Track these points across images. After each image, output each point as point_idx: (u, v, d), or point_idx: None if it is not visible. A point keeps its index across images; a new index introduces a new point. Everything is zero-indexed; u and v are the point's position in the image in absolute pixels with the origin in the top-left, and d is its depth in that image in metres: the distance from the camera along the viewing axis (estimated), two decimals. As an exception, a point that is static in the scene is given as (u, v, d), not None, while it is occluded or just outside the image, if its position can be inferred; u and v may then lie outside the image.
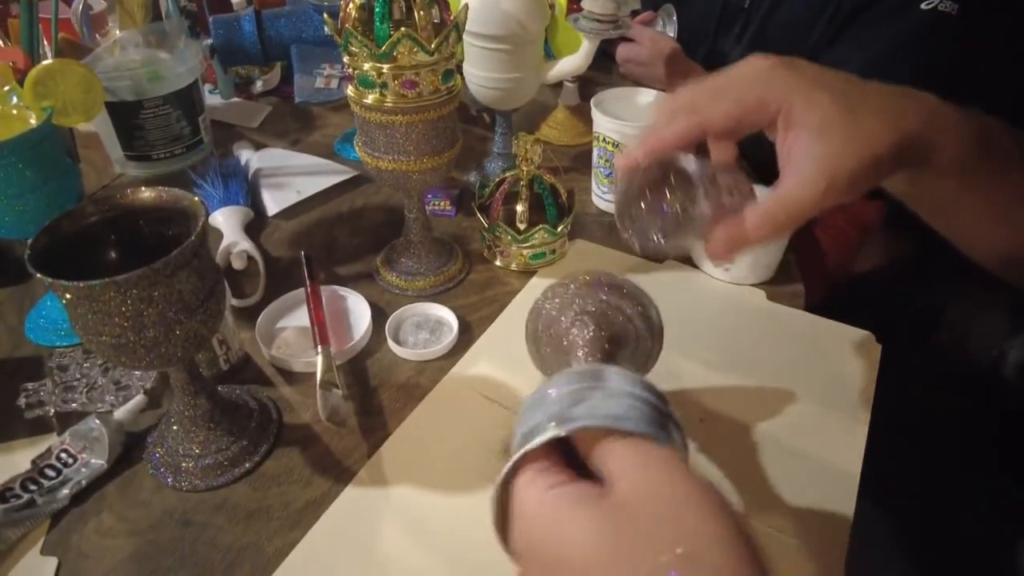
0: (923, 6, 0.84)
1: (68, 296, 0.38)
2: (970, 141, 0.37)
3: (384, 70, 0.53)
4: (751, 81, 0.38)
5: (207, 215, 0.42)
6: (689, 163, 0.40)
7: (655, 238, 0.42)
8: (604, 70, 1.15)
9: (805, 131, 0.36)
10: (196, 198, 0.43)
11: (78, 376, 0.57)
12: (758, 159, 0.87)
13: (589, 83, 1.07)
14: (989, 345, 1.04)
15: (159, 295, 0.39)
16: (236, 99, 1.01)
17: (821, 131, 0.36)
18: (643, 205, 0.42)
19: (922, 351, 1.21)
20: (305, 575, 0.44)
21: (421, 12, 0.53)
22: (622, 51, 1.05)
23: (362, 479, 0.50)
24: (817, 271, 1.08)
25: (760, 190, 0.40)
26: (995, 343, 1.04)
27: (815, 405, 0.55)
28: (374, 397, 0.57)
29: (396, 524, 0.47)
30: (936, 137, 0.36)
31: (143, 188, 0.44)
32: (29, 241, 0.39)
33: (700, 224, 0.39)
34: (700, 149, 0.42)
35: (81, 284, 0.36)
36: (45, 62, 0.54)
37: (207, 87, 1.01)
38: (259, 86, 1.06)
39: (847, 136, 0.35)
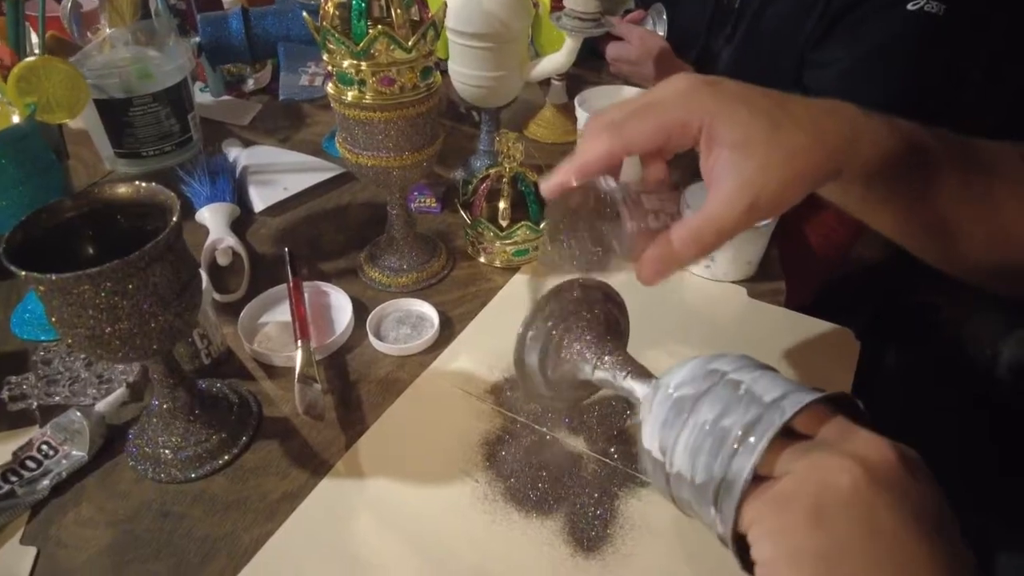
0: (909, 6, 0.84)
1: (42, 289, 0.39)
2: (892, 150, 0.38)
3: (362, 67, 0.54)
4: (672, 101, 0.38)
5: (181, 210, 0.43)
6: (612, 187, 0.39)
7: (586, 260, 0.42)
8: (594, 69, 1.15)
9: (727, 149, 0.36)
10: (172, 193, 0.44)
11: (61, 370, 0.57)
12: None
13: (578, 82, 1.08)
14: (983, 344, 1.05)
15: (133, 287, 0.40)
16: (226, 97, 1.02)
17: (743, 149, 0.36)
18: (571, 229, 0.42)
19: (915, 350, 1.21)
20: (280, 565, 0.45)
21: (399, 10, 0.53)
22: (611, 50, 1.05)
23: (339, 471, 0.51)
24: (805, 271, 1.09)
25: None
26: (989, 342, 1.04)
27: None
28: (353, 391, 0.58)
29: (371, 515, 0.48)
30: (859, 148, 0.37)
31: (120, 183, 0.44)
32: (5, 235, 0.40)
33: (626, 247, 0.39)
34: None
35: (54, 277, 0.37)
36: (28, 59, 0.55)
37: (197, 85, 1.01)
38: (250, 84, 1.06)
39: (770, 153, 0.35)
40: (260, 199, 0.79)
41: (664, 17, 1.06)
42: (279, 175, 0.83)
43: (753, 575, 0.30)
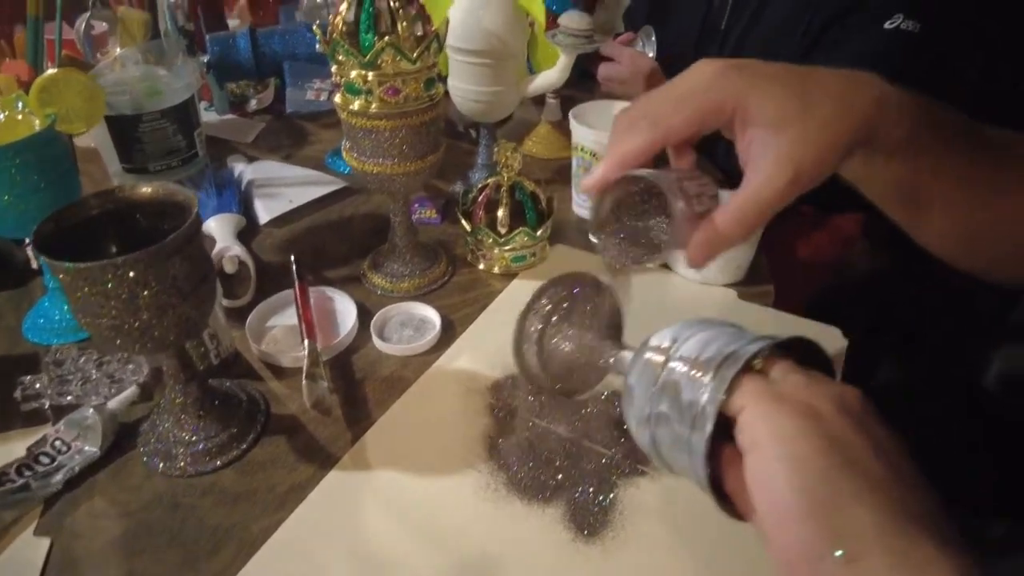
0: (887, 25, 0.89)
1: (68, 279, 0.41)
2: (914, 120, 0.39)
3: (369, 77, 0.56)
4: (704, 86, 0.39)
5: (199, 206, 0.45)
6: (656, 176, 0.40)
7: (635, 255, 0.42)
8: (586, 89, 1.19)
9: (762, 128, 0.37)
10: (190, 192, 0.46)
11: (73, 370, 0.59)
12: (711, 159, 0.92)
13: (571, 101, 1.11)
14: (972, 357, 1.07)
15: (154, 278, 0.42)
16: (231, 116, 1.05)
17: (778, 125, 0.37)
18: (616, 224, 0.42)
19: (906, 363, 1.23)
20: (289, 553, 0.46)
21: (404, 23, 0.56)
22: (603, 70, 1.09)
23: (346, 464, 0.52)
24: (793, 285, 1.11)
25: (722, 193, 0.41)
26: (978, 354, 1.06)
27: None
28: (359, 389, 0.59)
29: (378, 505, 0.49)
30: (883, 117, 0.38)
31: (141, 183, 0.47)
32: (34, 228, 0.42)
33: (677, 235, 0.40)
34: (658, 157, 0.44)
35: (82, 265, 0.39)
36: (50, 71, 0.57)
37: (203, 104, 1.04)
38: (253, 104, 1.10)
39: (804, 127, 0.37)
40: (265, 210, 0.82)
41: (653, 39, 1.10)
42: (284, 188, 0.85)
43: (725, 508, 0.31)
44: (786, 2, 0.96)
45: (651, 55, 1.09)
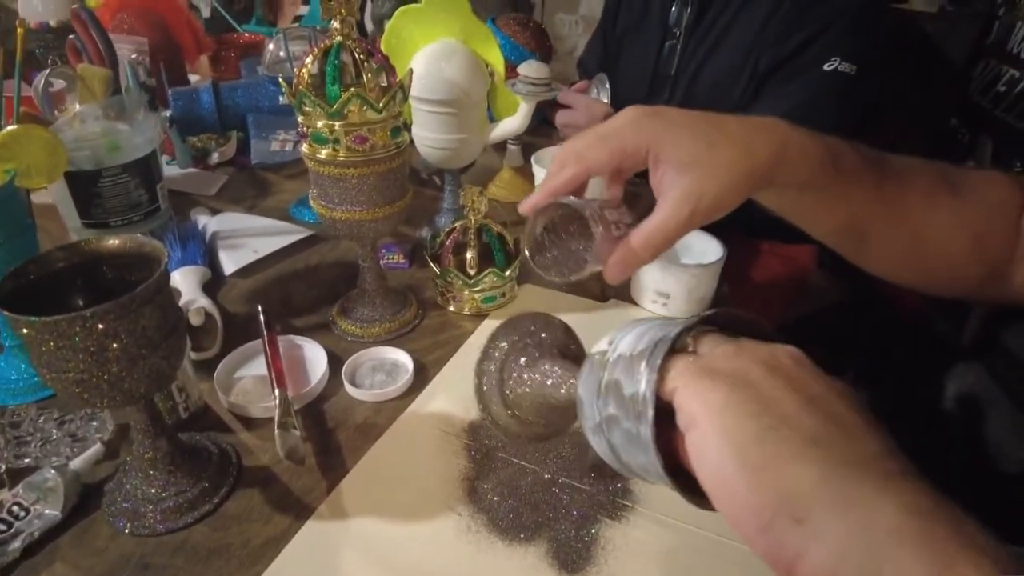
0: (826, 67, 0.95)
1: (32, 333, 0.40)
2: (817, 161, 0.44)
3: (336, 127, 0.58)
4: (623, 130, 0.44)
5: (168, 256, 0.45)
6: (578, 204, 0.45)
7: (563, 270, 0.47)
8: (545, 135, 1.23)
9: (671, 167, 0.43)
10: (158, 243, 0.46)
11: (31, 431, 0.57)
12: None
13: (531, 147, 1.14)
14: (927, 378, 1.11)
15: (124, 329, 0.41)
16: (193, 169, 1.05)
17: (684, 166, 0.42)
18: (547, 243, 0.47)
19: (868, 389, 1.26)
20: (266, 609, 0.45)
21: (369, 75, 0.58)
22: (560, 117, 1.13)
23: (323, 513, 0.51)
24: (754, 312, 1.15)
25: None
26: (936, 377, 1.10)
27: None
28: (332, 437, 0.58)
29: (357, 553, 0.48)
30: (783, 159, 0.43)
31: (108, 236, 0.46)
32: (-4, 284, 0.41)
33: (597, 253, 0.45)
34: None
35: (48, 319, 0.38)
36: (10, 127, 0.57)
37: (164, 158, 1.04)
38: (215, 158, 1.09)
39: (708, 169, 0.42)
40: (231, 262, 0.81)
41: (607, 86, 1.15)
42: (248, 239, 0.85)
43: (692, 499, 0.30)
44: (731, 51, 1.02)
45: (606, 101, 1.13)
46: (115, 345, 0.41)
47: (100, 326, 0.40)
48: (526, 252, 0.46)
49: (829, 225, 0.50)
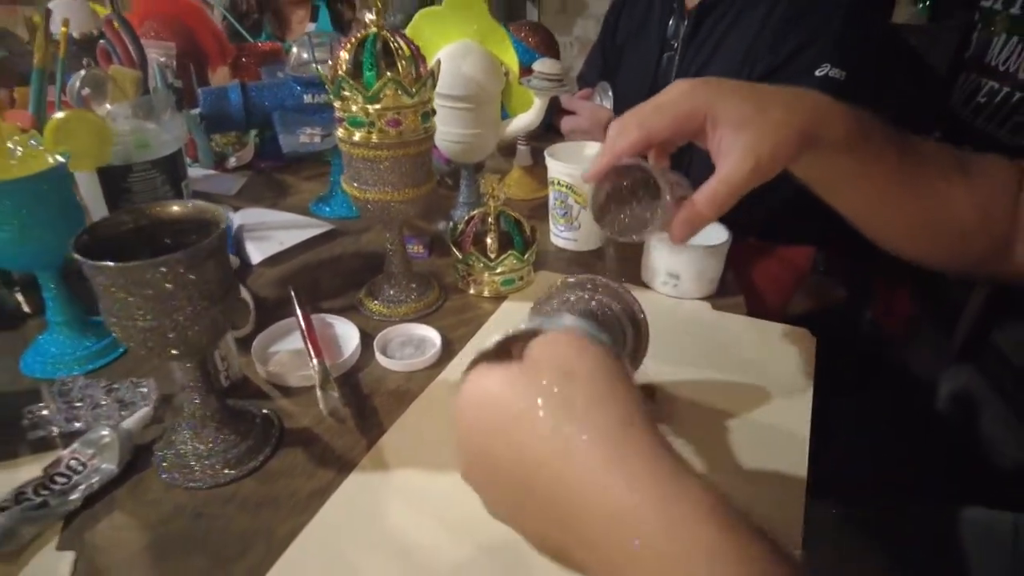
0: (816, 73, 1.00)
1: (107, 281, 0.43)
2: (851, 127, 0.49)
3: (371, 110, 0.62)
4: (681, 98, 0.49)
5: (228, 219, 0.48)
6: (648, 166, 0.49)
7: (628, 231, 0.51)
8: (550, 141, 1.27)
9: (729, 128, 0.47)
10: (217, 207, 0.49)
11: (80, 398, 0.59)
12: None
13: (538, 151, 1.19)
14: (922, 380, 1.14)
15: (191, 280, 0.44)
16: (212, 171, 1.08)
17: (741, 126, 0.46)
18: (614, 206, 0.52)
19: (863, 392, 1.29)
20: (317, 550, 0.47)
21: (403, 62, 0.62)
22: (566, 123, 1.18)
23: (365, 466, 0.54)
24: (755, 313, 1.19)
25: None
26: (927, 377, 1.13)
27: (762, 384, 0.63)
28: (368, 402, 0.61)
29: (400, 500, 0.51)
30: (825, 123, 0.48)
31: (171, 202, 0.50)
32: (73, 239, 0.44)
33: (665, 212, 0.49)
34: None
35: (127, 264, 0.42)
36: (64, 112, 0.60)
37: (187, 160, 1.07)
38: (233, 161, 1.13)
39: (761, 126, 0.46)
40: (257, 251, 0.84)
41: (610, 93, 1.20)
42: (273, 231, 0.88)
43: None
44: (727, 60, 1.08)
45: (609, 107, 1.18)
46: (183, 294, 0.44)
47: (175, 273, 0.43)
48: (594, 219, 0.51)
49: (855, 195, 0.53)
